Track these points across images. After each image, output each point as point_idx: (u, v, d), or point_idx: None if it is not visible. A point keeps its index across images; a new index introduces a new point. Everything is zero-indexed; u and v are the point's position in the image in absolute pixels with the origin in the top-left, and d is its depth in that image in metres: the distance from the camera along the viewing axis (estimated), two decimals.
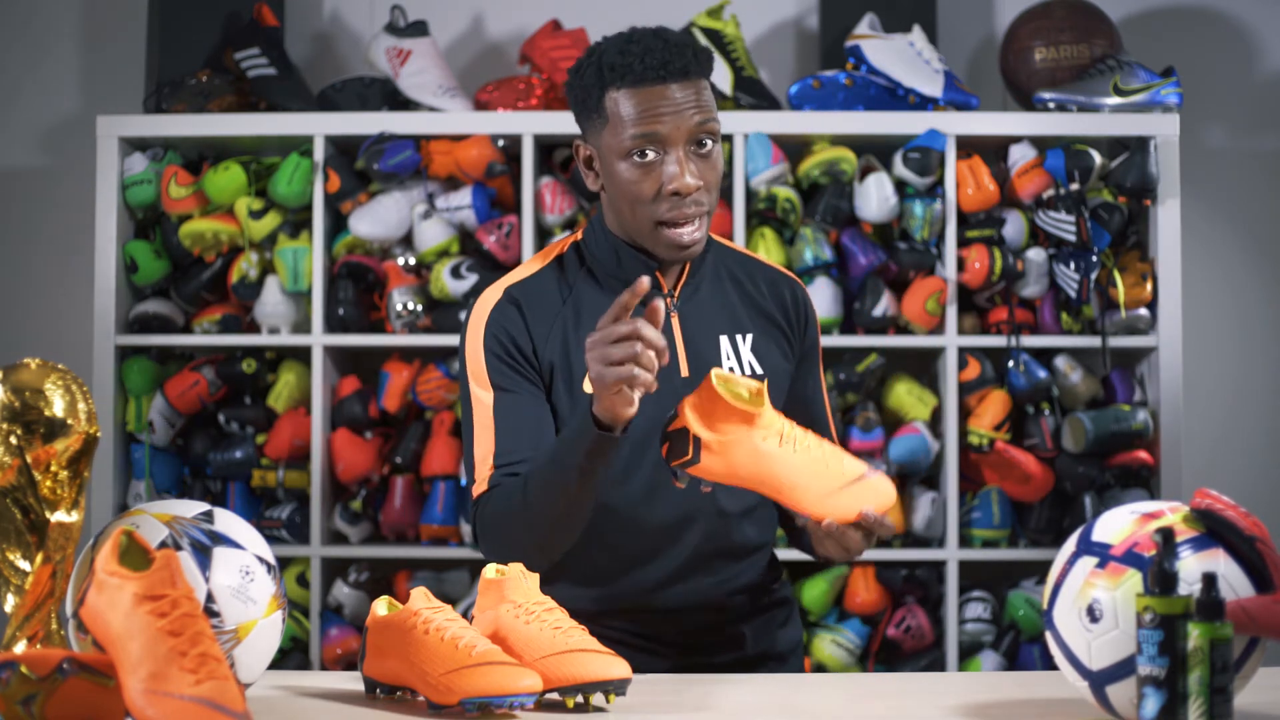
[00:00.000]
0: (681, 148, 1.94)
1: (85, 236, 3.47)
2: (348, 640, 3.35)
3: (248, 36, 3.46)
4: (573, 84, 2.00)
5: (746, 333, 2.05)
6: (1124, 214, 3.37)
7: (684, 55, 1.94)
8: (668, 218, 1.95)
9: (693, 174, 1.94)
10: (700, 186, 1.94)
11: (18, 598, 1.69)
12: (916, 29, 3.44)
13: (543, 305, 2.02)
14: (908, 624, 3.35)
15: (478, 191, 3.41)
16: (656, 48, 1.93)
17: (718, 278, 2.08)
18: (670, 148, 1.93)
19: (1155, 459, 3.37)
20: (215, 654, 1.45)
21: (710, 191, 1.97)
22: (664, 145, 1.93)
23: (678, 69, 1.93)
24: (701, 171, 1.95)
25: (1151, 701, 1.42)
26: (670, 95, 1.93)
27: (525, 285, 2.04)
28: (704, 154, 1.95)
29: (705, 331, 2.03)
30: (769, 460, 1.76)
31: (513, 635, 1.70)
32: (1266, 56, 3.73)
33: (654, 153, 1.93)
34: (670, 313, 2.01)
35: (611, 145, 1.96)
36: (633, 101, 1.93)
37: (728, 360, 2.01)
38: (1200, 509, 1.57)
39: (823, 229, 3.38)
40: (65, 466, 1.70)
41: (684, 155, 1.94)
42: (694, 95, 1.94)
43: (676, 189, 1.93)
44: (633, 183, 1.94)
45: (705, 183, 1.95)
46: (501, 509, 1.93)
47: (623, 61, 1.94)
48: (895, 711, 1.69)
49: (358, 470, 3.42)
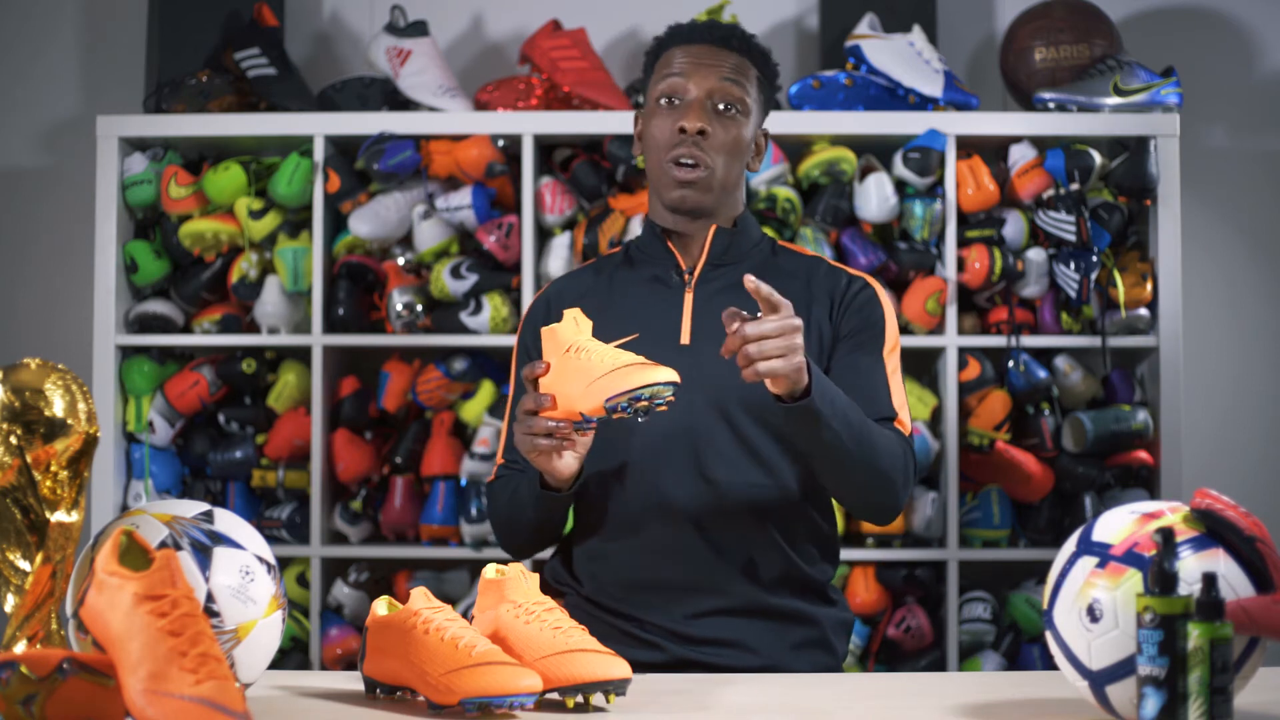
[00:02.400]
0: (701, 95, 2.09)
1: (85, 236, 3.47)
2: (348, 640, 3.35)
3: (248, 36, 3.47)
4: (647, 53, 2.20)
5: None
6: (1124, 214, 3.37)
7: (730, 30, 2.12)
8: (674, 154, 2.09)
9: (702, 117, 2.08)
10: (705, 131, 2.07)
11: (18, 598, 1.69)
12: (916, 29, 3.44)
13: (573, 296, 2.17)
14: (908, 624, 3.35)
15: (478, 191, 3.41)
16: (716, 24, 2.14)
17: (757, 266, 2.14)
18: (691, 93, 2.09)
19: (1155, 459, 3.37)
20: (215, 654, 1.45)
21: (719, 150, 2.09)
22: (685, 90, 2.10)
23: (719, 35, 2.12)
24: (714, 126, 2.08)
25: (1151, 701, 1.42)
26: (706, 52, 2.11)
27: (565, 282, 2.24)
28: (724, 116, 2.09)
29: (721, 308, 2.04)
30: (562, 367, 1.85)
31: (512, 635, 1.71)
32: (1266, 56, 3.73)
33: (678, 95, 2.10)
34: (686, 289, 2.12)
35: (651, 94, 2.14)
36: (674, 54, 2.12)
37: None
38: (1200, 509, 1.57)
39: (823, 229, 3.38)
40: (65, 466, 1.70)
41: (700, 102, 2.09)
42: (730, 61, 2.10)
43: (682, 125, 2.07)
44: (656, 124, 2.11)
45: (714, 138, 2.08)
46: (493, 506, 2.16)
47: (674, 29, 2.15)
48: (895, 711, 1.69)
49: (358, 470, 3.42)
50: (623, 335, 2.02)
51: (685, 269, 2.13)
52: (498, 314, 3.36)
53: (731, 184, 2.12)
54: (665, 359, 1.95)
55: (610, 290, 2.17)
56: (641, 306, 2.12)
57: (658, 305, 2.12)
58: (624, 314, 2.10)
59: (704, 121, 2.07)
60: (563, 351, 1.87)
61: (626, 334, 2.02)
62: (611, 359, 1.82)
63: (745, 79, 2.11)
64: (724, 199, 2.13)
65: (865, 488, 2.00)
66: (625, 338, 1.97)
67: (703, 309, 2.10)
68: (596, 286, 2.18)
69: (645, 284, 2.15)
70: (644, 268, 2.17)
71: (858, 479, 1.98)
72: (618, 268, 2.20)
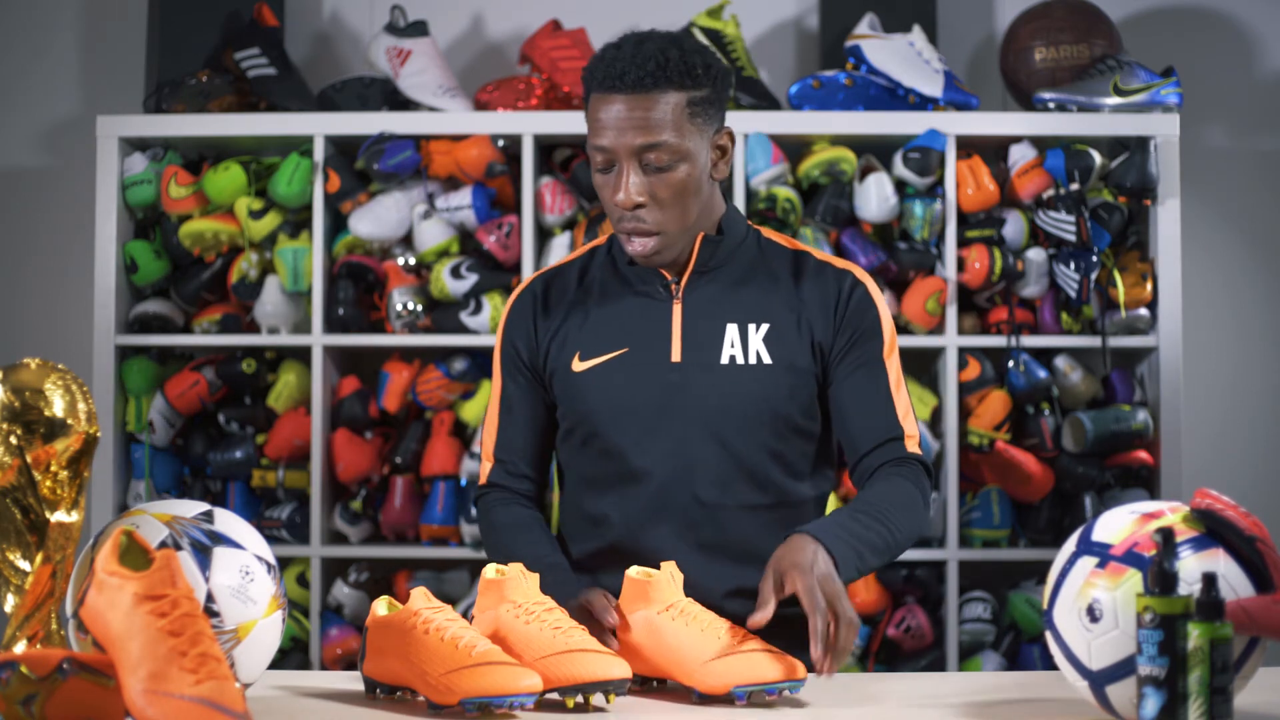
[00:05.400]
0: (629, 162, 1.94)
1: (85, 236, 3.47)
2: (348, 640, 3.35)
3: (248, 36, 3.46)
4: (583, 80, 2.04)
5: (762, 322, 2.03)
6: (1124, 214, 3.37)
7: (641, 68, 1.92)
8: (619, 227, 1.99)
9: (636, 189, 1.94)
10: (642, 203, 1.94)
11: (18, 598, 1.69)
12: (916, 29, 3.44)
13: (558, 299, 2.10)
14: (908, 624, 3.35)
15: (478, 191, 3.41)
16: (623, 56, 1.93)
17: (749, 270, 2.07)
18: (619, 160, 1.95)
19: (1155, 459, 3.37)
20: (215, 654, 1.45)
21: (665, 208, 1.96)
22: (612, 159, 1.95)
23: (631, 81, 1.92)
24: (652, 187, 1.95)
25: (1151, 701, 1.42)
26: (622, 109, 1.93)
27: (550, 277, 2.14)
28: (659, 171, 1.94)
29: (710, 319, 2.03)
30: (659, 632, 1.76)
31: (513, 635, 1.71)
32: (1266, 56, 3.73)
33: (607, 163, 1.96)
34: (674, 301, 2.04)
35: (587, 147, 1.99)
36: (597, 108, 1.96)
37: (729, 348, 2.01)
38: (1200, 509, 1.57)
39: (823, 229, 3.38)
40: (65, 466, 1.70)
41: (630, 169, 1.94)
42: (651, 113, 1.92)
43: (616, 201, 1.95)
44: (599, 187, 1.99)
45: (656, 199, 1.95)
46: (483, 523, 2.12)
47: (597, 65, 1.96)
48: (895, 711, 1.69)
49: (358, 470, 3.42)
50: (610, 351, 2.02)
51: (671, 279, 2.05)
52: (498, 314, 3.36)
53: (693, 219, 2.00)
54: (657, 378, 1.97)
55: (591, 299, 2.08)
56: (629, 320, 2.05)
57: (644, 319, 2.05)
58: (611, 328, 2.04)
59: (639, 193, 1.93)
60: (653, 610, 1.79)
61: (614, 349, 2.02)
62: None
63: (674, 119, 1.93)
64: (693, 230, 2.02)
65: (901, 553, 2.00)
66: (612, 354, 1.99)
67: (693, 322, 2.03)
68: (581, 294, 2.10)
69: (629, 294, 2.07)
70: (629, 276, 2.07)
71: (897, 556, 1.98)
72: (602, 271, 2.11)
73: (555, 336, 2.07)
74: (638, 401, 2.00)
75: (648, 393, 1.99)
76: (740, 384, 2.00)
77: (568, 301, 2.09)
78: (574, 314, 2.07)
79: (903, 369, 2.09)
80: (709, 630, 1.72)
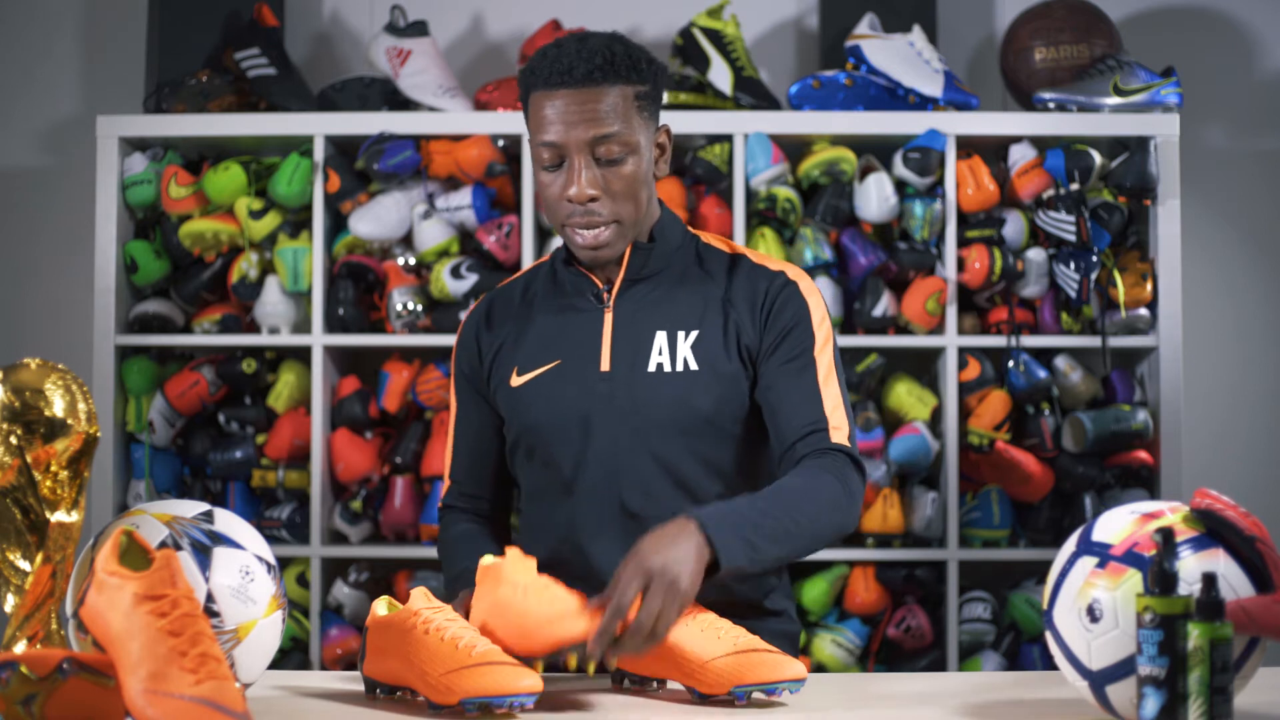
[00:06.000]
0: (581, 156, 1.94)
1: (85, 236, 3.47)
2: (348, 640, 3.35)
3: (248, 36, 3.46)
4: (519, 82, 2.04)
5: (691, 330, 2.01)
6: (1124, 214, 3.37)
7: (592, 61, 1.93)
8: (568, 222, 1.98)
9: (589, 182, 1.94)
10: (595, 196, 1.94)
11: (18, 598, 1.69)
12: (916, 29, 3.44)
13: (501, 315, 2.11)
14: (908, 624, 3.35)
15: (478, 191, 3.41)
16: (566, 53, 1.95)
17: (684, 277, 2.06)
18: (570, 155, 1.95)
19: (1155, 459, 3.37)
20: (215, 654, 1.45)
21: (617, 201, 1.96)
22: (561, 154, 1.95)
23: (579, 75, 1.93)
24: (605, 180, 1.95)
25: (1151, 701, 1.42)
26: (571, 103, 1.93)
27: (501, 293, 2.15)
28: (611, 164, 1.95)
29: (640, 327, 2.02)
30: None
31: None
32: (1266, 56, 3.73)
33: (556, 160, 1.96)
34: (604, 309, 2.03)
35: (530, 141, 2.00)
36: (541, 105, 1.96)
37: (657, 355, 2.00)
38: (1200, 509, 1.57)
39: (823, 229, 3.38)
40: (65, 466, 1.70)
41: (583, 163, 1.94)
42: (600, 104, 1.93)
43: (569, 196, 1.95)
44: (543, 185, 1.99)
45: (609, 192, 1.95)
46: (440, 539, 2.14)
47: (539, 64, 1.97)
48: (895, 711, 1.69)
49: (358, 470, 3.42)
50: (545, 363, 2.02)
51: (603, 287, 2.04)
52: None
53: (644, 212, 2.01)
54: (586, 388, 1.98)
55: (530, 313, 2.09)
56: (561, 332, 2.05)
57: (577, 330, 2.04)
58: (545, 340, 2.04)
59: (592, 186, 1.93)
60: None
61: (548, 362, 2.01)
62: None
63: (623, 111, 1.94)
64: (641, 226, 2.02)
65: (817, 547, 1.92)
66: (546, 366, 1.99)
67: (623, 331, 2.02)
68: (523, 308, 2.10)
69: (564, 307, 2.07)
70: (565, 287, 2.07)
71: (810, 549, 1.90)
72: (543, 286, 2.11)
73: (498, 353, 2.08)
74: (570, 412, 1.99)
75: (579, 403, 1.99)
76: (666, 391, 1.98)
77: (510, 317, 2.09)
78: (514, 329, 2.08)
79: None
80: (709, 630, 1.72)
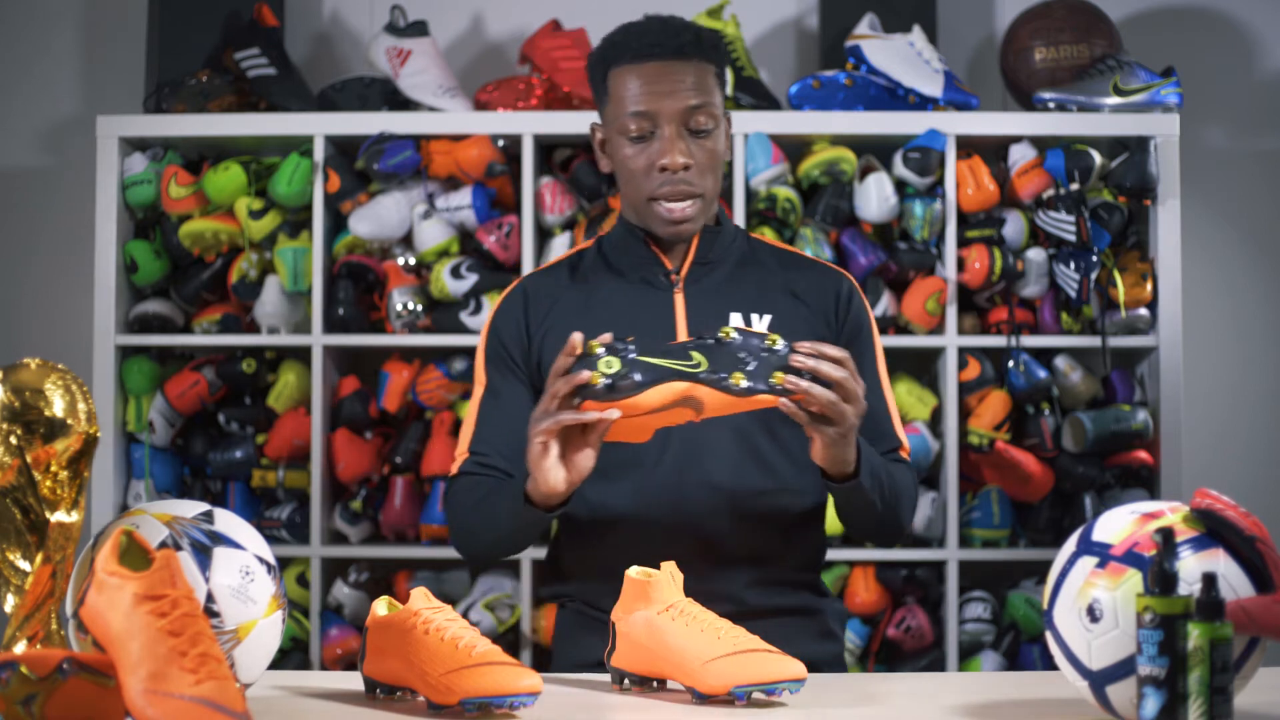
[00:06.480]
0: (673, 125, 1.99)
1: (85, 236, 3.47)
2: (348, 640, 3.35)
3: (248, 36, 3.46)
4: (588, 66, 2.09)
5: (765, 313, 2.05)
6: (1124, 214, 3.37)
7: (680, 36, 2.00)
8: (658, 193, 2.01)
9: (682, 152, 1.99)
10: (689, 165, 1.99)
11: (18, 598, 1.69)
12: (916, 29, 3.44)
13: (550, 295, 2.10)
14: (908, 624, 3.35)
15: (478, 191, 3.41)
16: (655, 28, 2.01)
17: (743, 263, 2.11)
18: (662, 125, 1.99)
19: (1155, 459, 3.37)
20: (215, 654, 1.45)
21: (704, 174, 2.01)
22: (655, 122, 2.00)
23: (672, 48, 1.99)
24: (694, 152, 2.00)
25: (1151, 701, 1.42)
26: (663, 73, 1.99)
27: (539, 277, 2.15)
28: (700, 136, 2.00)
29: (714, 308, 2.04)
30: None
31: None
32: (1266, 56, 3.73)
33: (647, 130, 2.00)
34: (674, 290, 2.07)
35: (613, 122, 2.04)
36: (628, 78, 2.01)
37: None
38: (1200, 509, 1.57)
39: (823, 229, 3.38)
40: (65, 466, 1.70)
41: (675, 133, 1.99)
42: (689, 76, 1.99)
43: (664, 164, 1.99)
44: (629, 158, 2.02)
45: (697, 163, 2.00)
46: (454, 505, 2.07)
47: (623, 40, 2.03)
48: (895, 711, 1.69)
49: (358, 470, 3.42)
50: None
51: (670, 269, 2.09)
52: None
53: (716, 195, 2.07)
54: None
55: (592, 293, 2.11)
56: (630, 309, 2.07)
57: (645, 309, 2.07)
58: (611, 318, 2.05)
59: (685, 155, 1.99)
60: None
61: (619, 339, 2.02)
62: None
63: (709, 86, 2.01)
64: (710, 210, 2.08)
65: (882, 527, 2.03)
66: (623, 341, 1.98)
67: (697, 311, 2.06)
68: (575, 288, 2.11)
69: (629, 287, 2.10)
70: (626, 269, 2.11)
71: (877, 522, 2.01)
72: (594, 267, 2.13)
73: (550, 332, 2.08)
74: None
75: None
76: None
77: (560, 297, 2.10)
78: (569, 308, 2.08)
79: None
80: (709, 630, 1.72)
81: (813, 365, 1.76)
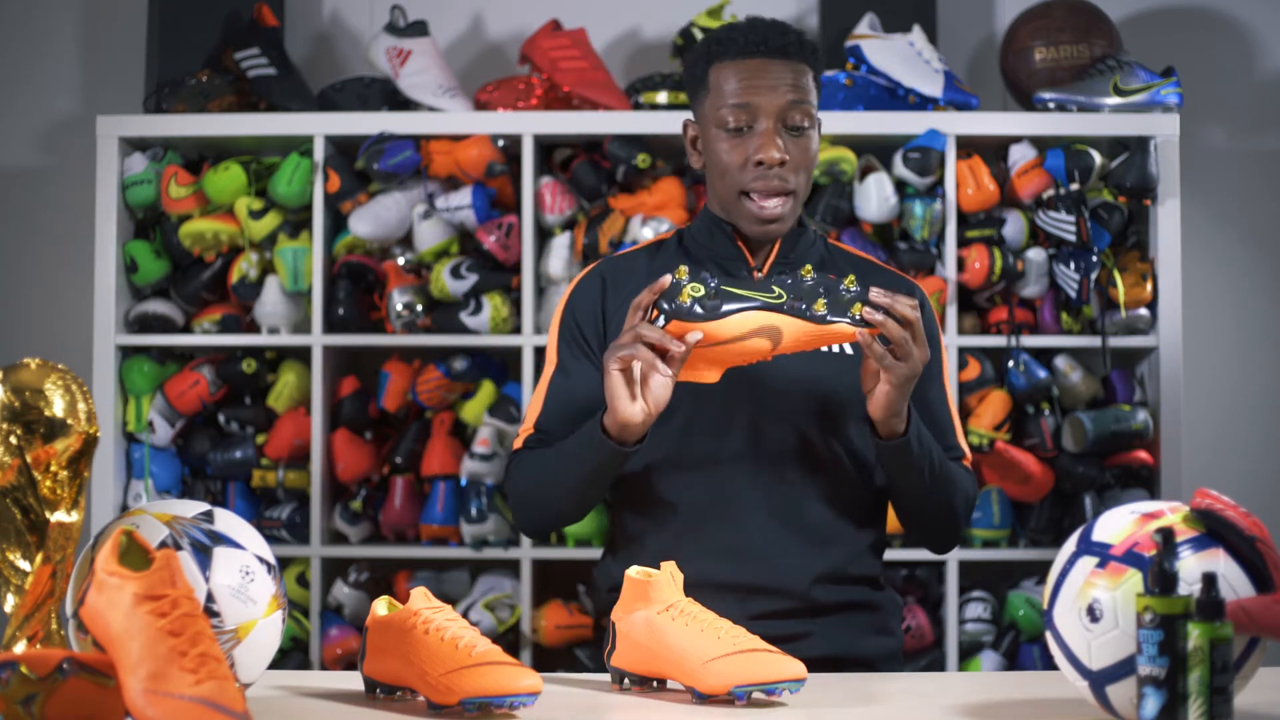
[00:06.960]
0: (771, 122, 2.03)
1: (85, 236, 3.47)
2: (348, 640, 3.35)
3: (248, 36, 3.47)
4: (685, 63, 2.11)
5: None
6: (1124, 214, 3.37)
7: (785, 37, 2.04)
8: (752, 187, 2.04)
9: (778, 147, 2.02)
10: (785, 161, 2.02)
11: (18, 598, 1.69)
12: (916, 29, 3.44)
13: (628, 280, 2.11)
14: (908, 624, 3.35)
15: (477, 191, 3.41)
16: (760, 27, 2.05)
17: (821, 267, 2.12)
18: (760, 119, 2.02)
19: (1155, 459, 3.37)
20: (215, 654, 1.45)
21: (798, 171, 2.04)
22: (755, 116, 2.03)
23: (775, 46, 2.03)
24: (789, 148, 2.03)
25: (1151, 701, 1.42)
26: (765, 70, 2.03)
27: (617, 261, 2.17)
28: (795, 134, 2.04)
29: None
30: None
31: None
32: (1266, 56, 3.73)
33: (745, 123, 2.03)
34: None
35: (710, 116, 2.06)
36: (730, 73, 2.04)
37: None
38: (1200, 509, 1.57)
39: (822, 229, 3.38)
40: (65, 466, 1.70)
41: (772, 128, 2.02)
42: (790, 75, 2.03)
43: (760, 159, 2.02)
44: (724, 151, 2.05)
45: (792, 159, 2.03)
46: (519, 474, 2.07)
47: (727, 36, 2.05)
48: (895, 711, 1.69)
49: (358, 470, 3.42)
50: None
51: (754, 265, 2.11)
52: (498, 314, 3.36)
53: (806, 196, 2.10)
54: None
55: None
56: None
57: None
58: None
59: (781, 151, 2.02)
60: None
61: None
62: None
63: (806, 87, 2.05)
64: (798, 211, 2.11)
65: (935, 519, 2.07)
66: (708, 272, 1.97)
67: None
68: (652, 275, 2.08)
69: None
70: (707, 260, 2.12)
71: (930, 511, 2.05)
72: (675, 257, 2.14)
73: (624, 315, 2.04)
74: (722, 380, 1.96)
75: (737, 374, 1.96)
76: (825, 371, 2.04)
77: (637, 282, 2.08)
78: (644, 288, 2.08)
79: None
80: (709, 630, 1.72)
81: (888, 303, 1.83)
